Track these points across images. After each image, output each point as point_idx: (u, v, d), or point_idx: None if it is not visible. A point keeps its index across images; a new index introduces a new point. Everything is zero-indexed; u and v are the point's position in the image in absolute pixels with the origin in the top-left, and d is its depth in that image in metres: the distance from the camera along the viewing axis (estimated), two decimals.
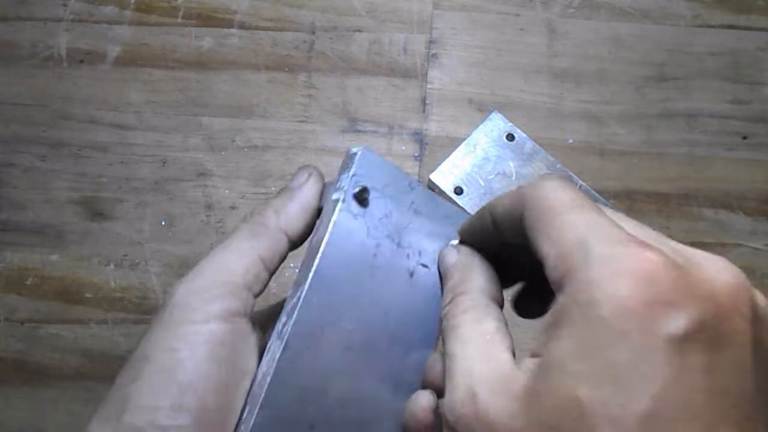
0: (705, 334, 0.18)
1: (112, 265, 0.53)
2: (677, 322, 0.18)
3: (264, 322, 0.29)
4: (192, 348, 0.25)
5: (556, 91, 0.57)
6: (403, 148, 0.56)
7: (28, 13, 0.59)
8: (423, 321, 0.29)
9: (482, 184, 0.53)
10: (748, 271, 0.53)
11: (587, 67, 0.58)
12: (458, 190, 0.53)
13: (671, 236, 0.54)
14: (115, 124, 0.56)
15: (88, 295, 0.52)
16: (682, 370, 0.18)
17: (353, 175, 0.28)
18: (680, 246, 0.21)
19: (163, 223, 0.53)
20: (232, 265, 0.27)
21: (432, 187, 0.54)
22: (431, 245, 0.30)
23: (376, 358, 0.28)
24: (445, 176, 0.53)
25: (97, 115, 0.56)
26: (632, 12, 0.60)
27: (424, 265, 0.30)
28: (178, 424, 0.24)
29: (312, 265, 0.26)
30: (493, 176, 0.54)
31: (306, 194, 0.30)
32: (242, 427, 0.25)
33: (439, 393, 0.30)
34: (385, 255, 0.29)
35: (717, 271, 0.19)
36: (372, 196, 0.28)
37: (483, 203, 0.52)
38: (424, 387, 0.30)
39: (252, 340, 0.26)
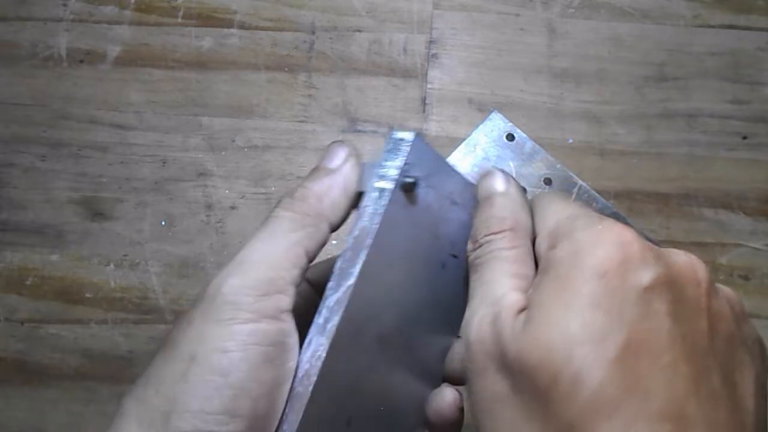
0: (667, 288, 0.21)
1: (112, 265, 0.53)
2: (645, 275, 0.21)
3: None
4: (245, 349, 0.23)
5: (556, 91, 0.57)
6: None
7: (28, 13, 0.59)
8: (449, 310, 0.29)
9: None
10: (748, 270, 0.53)
11: (587, 67, 0.58)
12: None
13: (671, 236, 0.54)
14: (115, 124, 0.56)
15: (88, 295, 0.52)
16: (649, 312, 0.21)
17: (404, 165, 0.27)
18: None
19: (163, 223, 0.54)
20: (280, 259, 0.25)
21: None
22: (463, 235, 0.30)
23: (406, 350, 0.28)
24: None
25: (97, 115, 0.56)
26: (632, 12, 0.60)
27: (454, 256, 0.29)
28: (231, 431, 0.23)
29: (358, 260, 0.25)
30: None
31: (348, 177, 0.28)
32: (285, 426, 0.24)
33: (457, 381, 0.30)
34: (423, 247, 0.28)
35: (677, 253, 0.23)
36: (418, 188, 0.27)
37: None
38: (446, 377, 0.30)
39: (295, 337, 0.25)
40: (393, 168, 0.27)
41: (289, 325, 0.25)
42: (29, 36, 0.58)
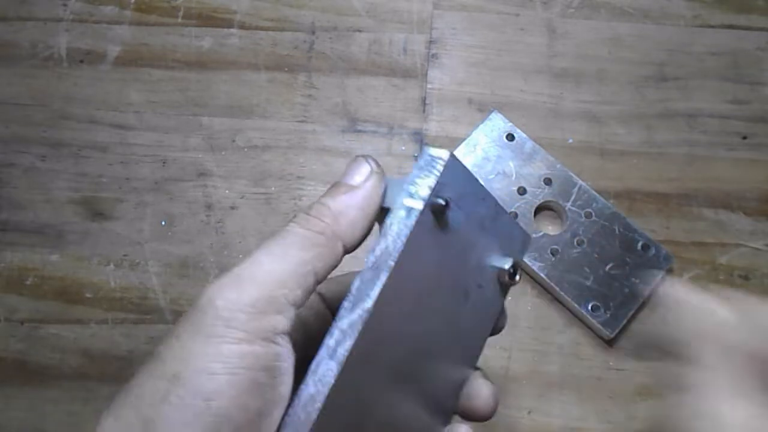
0: None
1: (112, 265, 0.53)
2: None
3: None
4: (233, 372, 0.21)
5: (556, 91, 0.57)
6: (403, 148, 0.56)
7: (28, 13, 0.59)
8: (467, 341, 0.27)
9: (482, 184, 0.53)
10: (748, 270, 0.53)
11: (587, 67, 0.58)
12: None
13: (671, 236, 0.54)
14: (115, 124, 0.56)
15: (88, 295, 0.52)
16: None
17: (437, 184, 0.25)
18: None
19: (163, 223, 0.54)
20: (284, 277, 0.23)
21: None
22: (489, 263, 0.28)
23: (419, 381, 0.26)
24: None
25: (97, 115, 0.56)
26: (632, 12, 0.60)
27: (480, 285, 0.28)
28: None
29: (378, 282, 0.23)
30: (493, 176, 0.54)
31: (369, 196, 0.26)
32: None
33: (478, 417, 0.29)
34: (448, 273, 0.26)
35: None
36: (449, 210, 0.25)
37: None
38: (461, 412, 0.29)
39: (290, 361, 0.23)
40: (425, 186, 0.25)
41: (284, 348, 0.23)
42: (29, 36, 0.58)
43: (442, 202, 0.25)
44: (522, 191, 0.53)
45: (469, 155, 0.54)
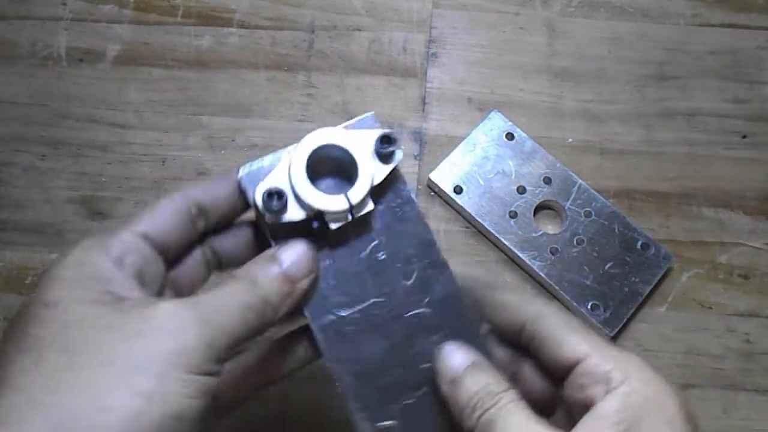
0: None
1: None
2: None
3: None
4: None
5: (556, 90, 0.57)
6: (403, 147, 0.56)
7: (27, 12, 0.59)
8: None
9: (482, 183, 0.53)
10: (748, 269, 0.53)
11: (587, 66, 0.58)
12: (458, 189, 0.53)
13: (671, 235, 0.54)
14: (115, 123, 0.56)
15: None
16: None
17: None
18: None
19: None
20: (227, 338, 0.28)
21: (432, 186, 0.54)
22: None
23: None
24: (444, 175, 0.53)
25: (97, 114, 0.56)
26: (632, 11, 0.60)
27: None
28: None
29: None
30: (492, 175, 0.54)
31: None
32: None
33: None
34: None
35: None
36: None
37: (482, 202, 0.53)
38: None
39: None
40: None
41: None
42: (28, 35, 0.58)
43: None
44: (521, 190, 0.53)
45: (468, 154, 0.54)
